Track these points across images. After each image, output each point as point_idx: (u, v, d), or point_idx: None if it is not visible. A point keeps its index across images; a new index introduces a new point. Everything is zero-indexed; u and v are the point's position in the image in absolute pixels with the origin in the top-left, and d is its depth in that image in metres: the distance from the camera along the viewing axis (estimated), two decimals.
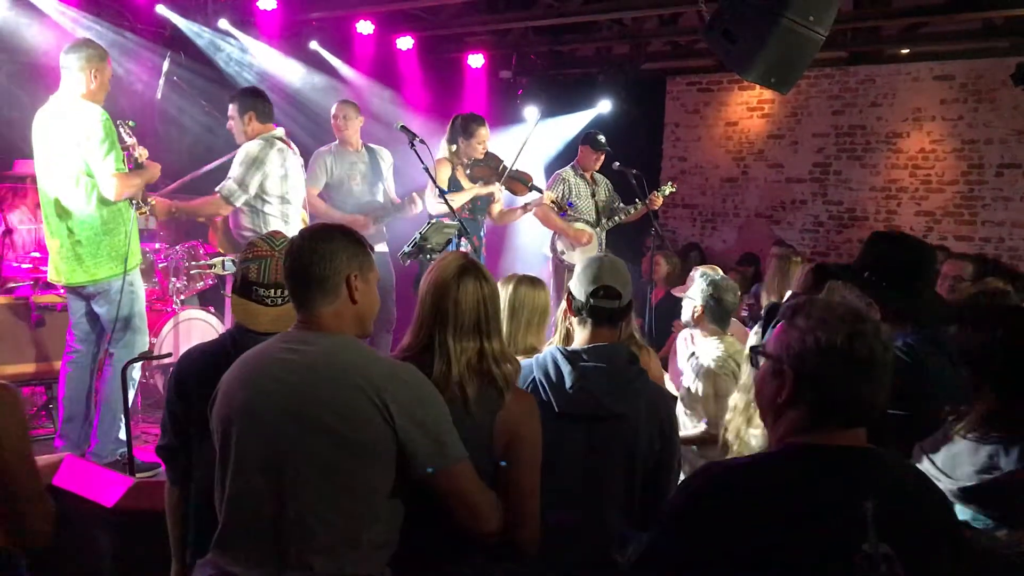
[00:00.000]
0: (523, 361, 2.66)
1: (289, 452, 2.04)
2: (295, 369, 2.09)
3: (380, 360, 2.16)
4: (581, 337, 2.67)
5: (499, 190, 6.05)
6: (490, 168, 6.01)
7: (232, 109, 5.31)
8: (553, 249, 6.89)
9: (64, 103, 4.61)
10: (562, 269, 6.73)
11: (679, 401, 3.85)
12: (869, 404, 1.71)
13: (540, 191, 6.17)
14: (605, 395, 2.51)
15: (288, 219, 5.33)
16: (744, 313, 6.34)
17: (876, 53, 9.49)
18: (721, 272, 4.25)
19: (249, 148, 5.16)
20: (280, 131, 5.34)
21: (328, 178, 6.05)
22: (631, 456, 2.52)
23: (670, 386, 3.97)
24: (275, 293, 2.61)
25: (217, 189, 5.20)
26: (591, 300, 2.62)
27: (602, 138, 6.87)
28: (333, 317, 2.17)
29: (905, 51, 9.29)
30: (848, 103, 9.76)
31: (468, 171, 6.00)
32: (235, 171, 5.15)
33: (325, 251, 2.16)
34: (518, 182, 6.14)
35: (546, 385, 2.54)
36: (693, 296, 4.09)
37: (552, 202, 6.41)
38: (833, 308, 1.75)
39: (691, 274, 4.68)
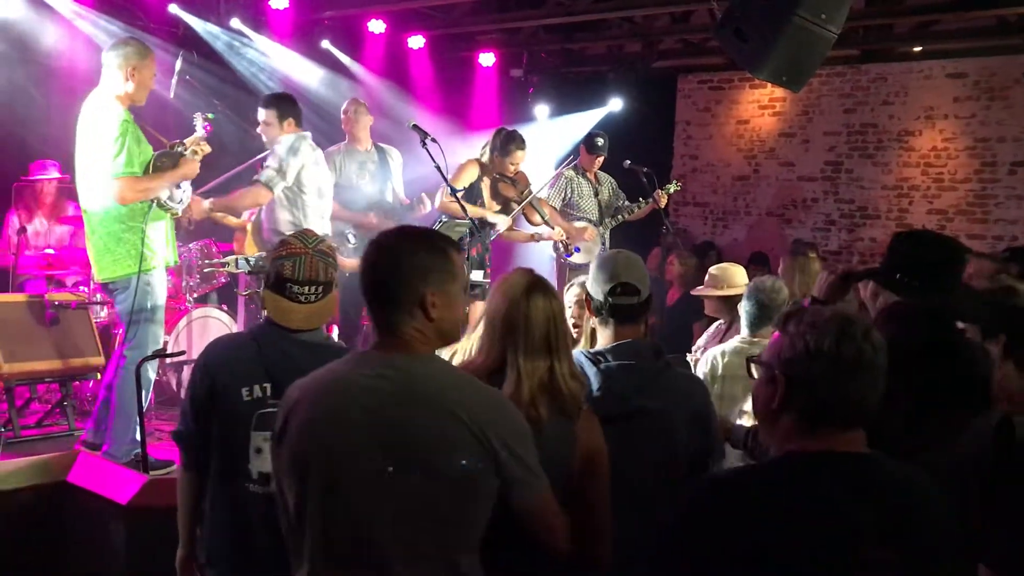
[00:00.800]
0: None
1: (386, 488, 1.92)
2: (385, 399, 1.95)
3: (474, 385, 2.06)
4: (604, 337, 2.64)
5: (507, 222, 6.08)
6: (515, 189, 6.07)
7: (269, 115, 5.33)
8: (556, 248, 6.93)
9: (93, 100, 4.64)
10: (564, 268, 6.77)
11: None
12: (859, 405, 1.71)
13: (551, 227, 6.30)
14: (633, 393, 2.49)
15: (324, 215, 5.43)
16: None
17: (888, 51, 9.46)
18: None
19: (283, 139, 5.27)
20: (308, 134, 5.44)
21: (338, 177, 6.07)
22: (671, 451, 2.50)
23: None
24: (308, 290, 2.61)
25: (256, 177, 5.28)
26: (610, 298, 2.58)
27: (600, 141, 6.87)
28: (417, 335, 2.03)
29: (917, 49, 9.25)
30: (860, 101, 9.73)
31: (492, 184, 6.05)
32: (273, 159, 5.25)
33: (403, 266, 2.03)
34: (536, 212, 6.24)
35: None
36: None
37: (561, 242, 6.48)
38: (822, 313, 1.76)
39: (716, 274, 4.69)
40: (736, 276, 4.69)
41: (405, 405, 1.94)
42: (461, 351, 2.58)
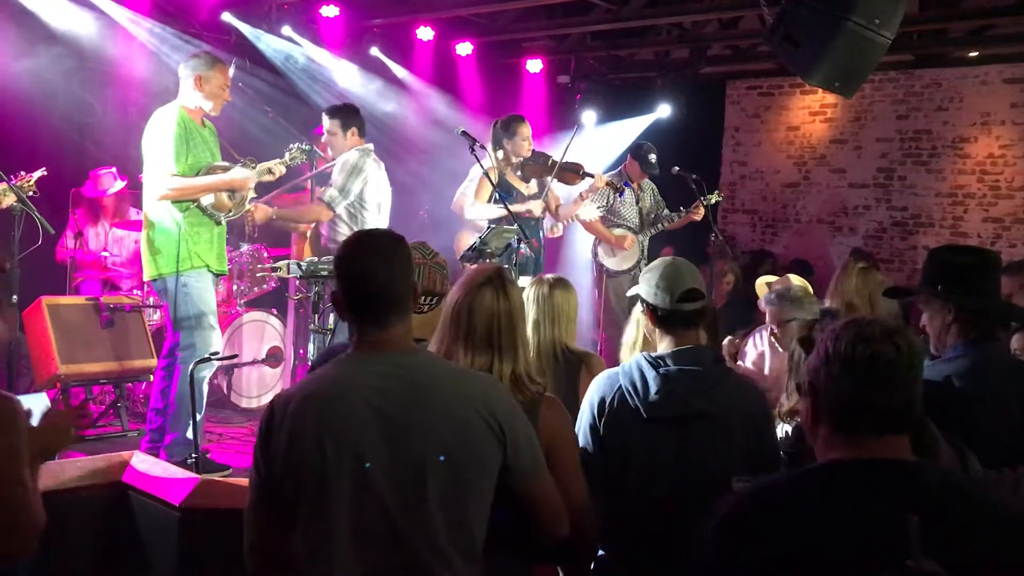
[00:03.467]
0: (610, 370, 2.73)
1: (411, 484, 1.95)
2: (397, 397, 1.98)
3: (471, 374, 2.16)
4: (665, 343, 2.68)
5: (540, 204, 6.00)
6: (540, 165, 6.01)
7: (334, 124, 5.42)
8: (594, 254, 6.92)
9: (160, 108, 4.80)
10: (602, 273, 6.75)
11: None
12: (884, 408, 1.68)
13: (592, 176, 6.14)
14: (692, 395, 2.53)
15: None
16: None
17: (943, 56, 9.29)
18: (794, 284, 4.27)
19: (348, 156, 5.35)
20: (371, 146, 5.52)
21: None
22: (729, 457, 2.52)
23: None
24: (424, 300, 2.68)
25: (319, 195, 5.41)
26: (676, 305, 2.63)
27: (653, 158, 6.77)
28: (407, 332, 2.11)
29: (973, 54, 9.07)
30: (913, 107, 9.57)
31: (519, 172, 6.01)
32: (336, 179, 5.34)
33: (395, 266, 2.09)
34: (569, 172, 6.12)
35: (632, 393, 2.57)
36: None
37: (608, 184, 6.35)
38: (845, 320, 1.76)
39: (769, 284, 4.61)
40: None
41: (418, 402, 1.98)
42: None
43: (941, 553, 1.55)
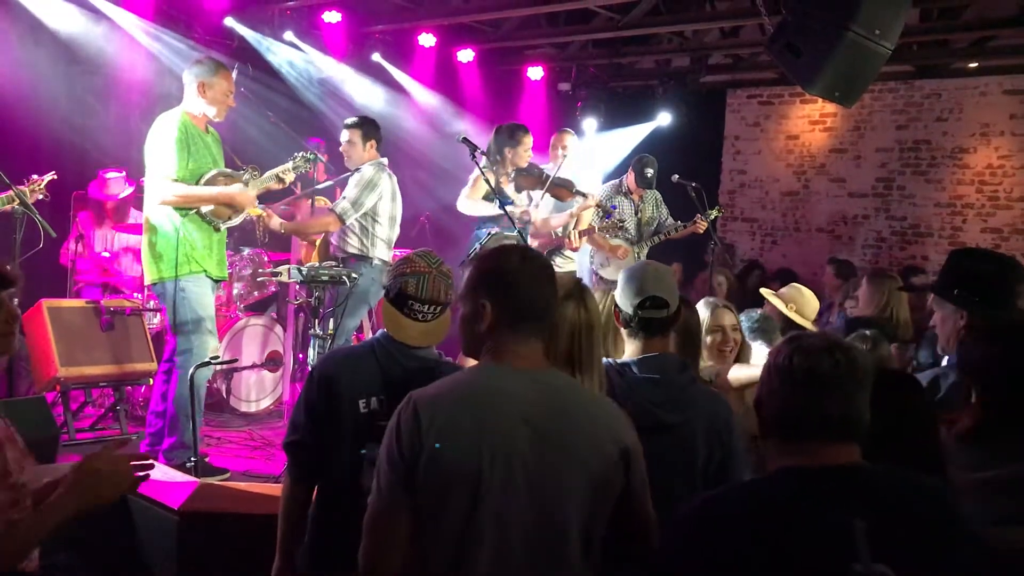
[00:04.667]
0: None
1: (553, 496, 1.96)
2: (544, 411, 1.99)
3: (602, 398, 2.21)
4: (632, 349, 2.63)
5: (541, 212, 6.03)
6: (533, 177, 6.04)
7: (353, 135, 5.51)
8: (591, 263, 6.95)
9: (164, 113, 4.81)
10: (598, 283, 6.78)
11: None
12: (825, 417, 1.72)
13: (584, 195, 6.17)
14: (656, 406, 2.48)
15: (391, 243, 5.60)
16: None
17: (943, 67, 9.32)
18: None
19: (364, 171, 5.45)
20: (385, 160, 5.60)
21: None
22: (691, 468, 2.49)
23: None
24: (427, 309, 2.65)
25: (331, 207, 5.49)
26: (639, 311, 2.57)
27: (650, 173, 6.79)
28: (544, 353, 2.12)
29: (973, 65, 9.10)
30: (913, 117, 9.59)
31: (512, 180, 6.03)
32: (350, 191, 5.43)
33: (552, 290, 2.11)
34: (562, 188, 6.15)
35: None
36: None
37: (597, 205, 6.36)
38: (787, 336, 1.84)
39: (793, 294, 4.62)
40: (807, 307, 4.56)
41: (563, 420, 1.99)
42: None
43: (891, 555, 1.58)
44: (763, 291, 4.83)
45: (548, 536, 1.94)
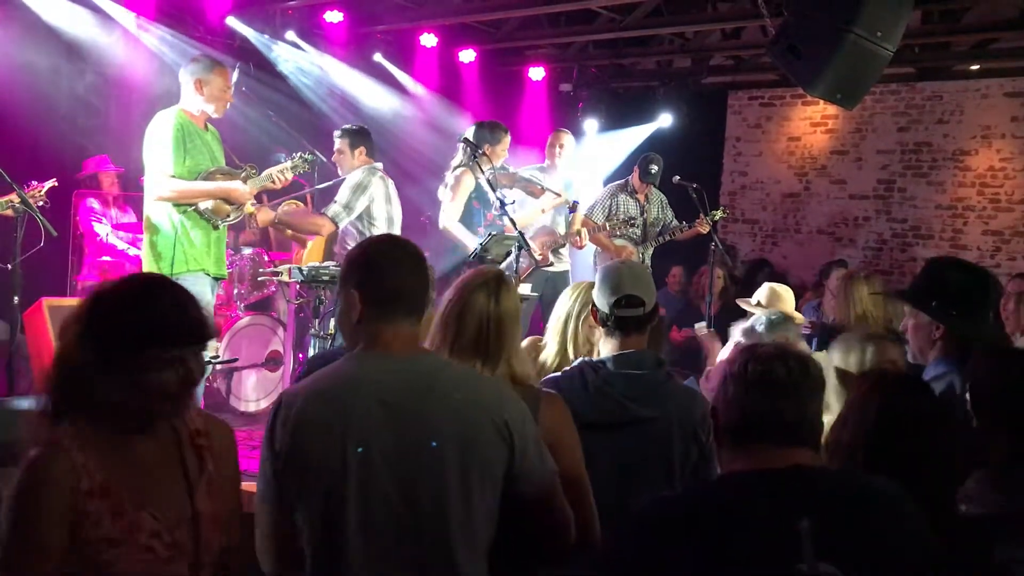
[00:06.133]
0: (554, 375, 2.70)
1: (416, 477, 1.94)
2: (409, 396, 1.97)
3: (479, 376, 2.15)
4: (608, 347, 2.66)
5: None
6: (507, 175, 6.08)
7: (343, 144, 5.57)
8: (595, 263, 6.95)
9: (162, 111, 4.81)
10: None
11: None
12: (777, 421, 1.74)
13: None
14: (629, 400, 2.50)
15: None
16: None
17: (944, 69, 9.31)
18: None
19: (354, 175, 5.47)
20: (379, 165, 5.62)
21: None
22: (668, 463, 2.50)
23: None
24: None
25: (323, 210, 5.50)
26: (615, 310, 2.60)
27: (654, 168, 6.83)
28: (417, 338, 2.10)
29: (974, 67, 9.10)
30: (914, 119, 9.59)
31: (489, 178, 6.01)
32: (342, 195, 5.45)
33: (423, 273, 2.08)
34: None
35: (572, 397, 2.49)
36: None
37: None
38: (744, 346, 1.89)
39: (767, 293, 4.62)
40: (781, 302, 4.59)
41: (425, 400, 1.97)
42: None
43: (838, 555, 1.59)
44: (739, 301, 4.86)
45: (418, 514, 1.93)
